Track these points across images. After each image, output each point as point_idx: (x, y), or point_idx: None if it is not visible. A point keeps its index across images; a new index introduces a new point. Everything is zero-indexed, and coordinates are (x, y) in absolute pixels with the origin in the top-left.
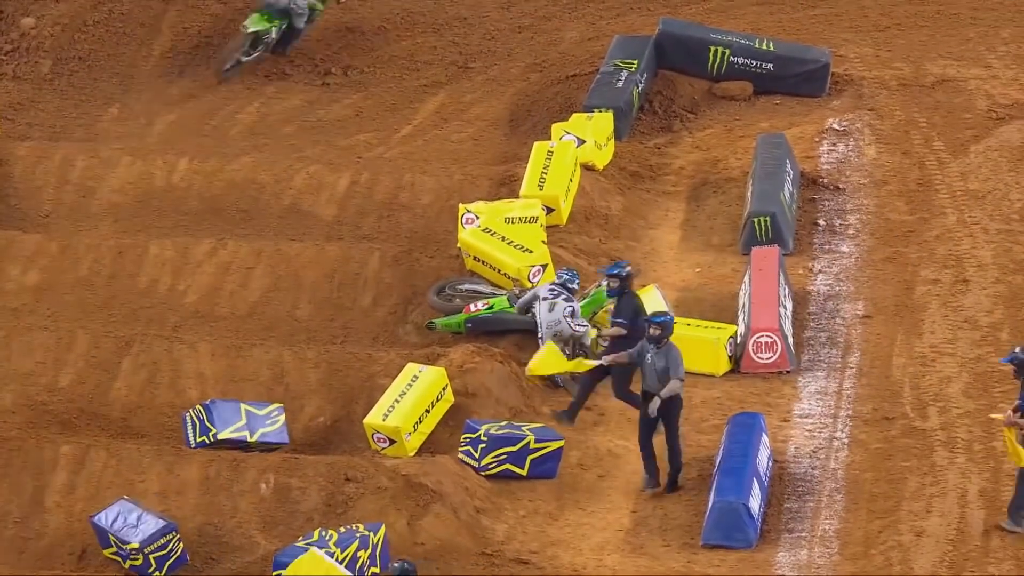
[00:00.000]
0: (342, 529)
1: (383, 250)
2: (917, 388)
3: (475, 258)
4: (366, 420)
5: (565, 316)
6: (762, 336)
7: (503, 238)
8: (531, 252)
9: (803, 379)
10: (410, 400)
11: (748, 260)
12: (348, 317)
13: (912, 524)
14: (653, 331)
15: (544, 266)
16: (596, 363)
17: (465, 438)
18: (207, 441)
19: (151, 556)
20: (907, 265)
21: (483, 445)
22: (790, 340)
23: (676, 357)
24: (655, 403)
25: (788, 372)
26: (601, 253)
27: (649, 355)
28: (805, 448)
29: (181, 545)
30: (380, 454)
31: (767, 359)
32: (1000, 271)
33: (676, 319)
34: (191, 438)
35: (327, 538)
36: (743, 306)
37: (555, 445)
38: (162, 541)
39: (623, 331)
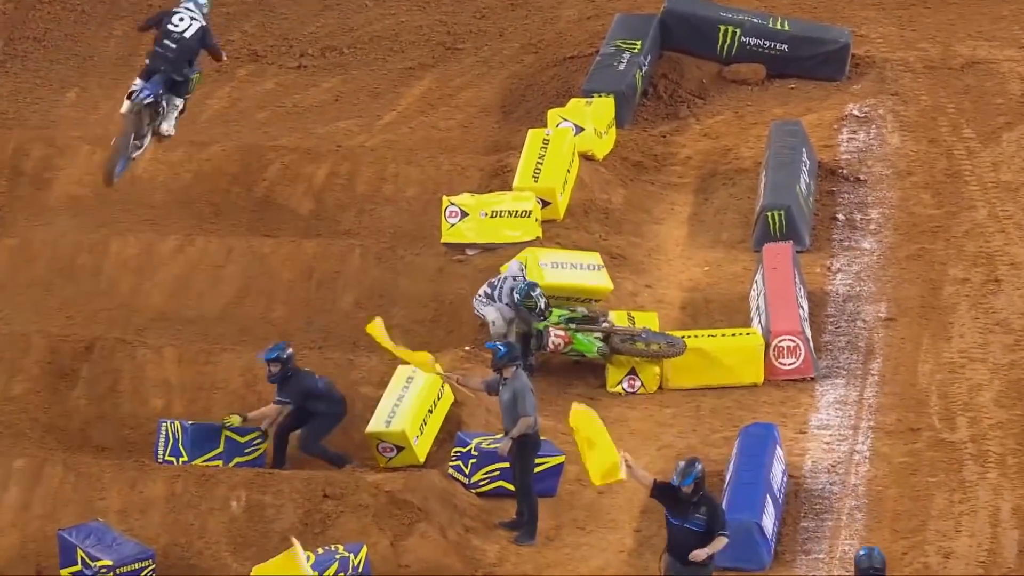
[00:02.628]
0: (320, 550)
1: (365, 247)
2: (945, 397)
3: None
4: (368, 430)
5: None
6: (784, 340)
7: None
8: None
9: (821, 387)
10: (409, 403)
11: (759, 258)
12: (327, 319)
13: (940, 545)
14: (494, 361)
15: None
16: (441, 373)
17: (456, 452)
18: (174, 462)
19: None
20: (934, 263)
21: (473, 460)
22: (812, 344)
23: (522, 390)
24: (505, 443)
25: (812, 379)
26: (601, 250)
27: (500, 387)
28: (823, 462)
29: None
30: (378, 466)
31: (790, 365)
32: None
33: (697, 333)
34: (160, 452)
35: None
36: (758, 308)
37: (554, 461)
38: (136, 566)
39: (285, 406)
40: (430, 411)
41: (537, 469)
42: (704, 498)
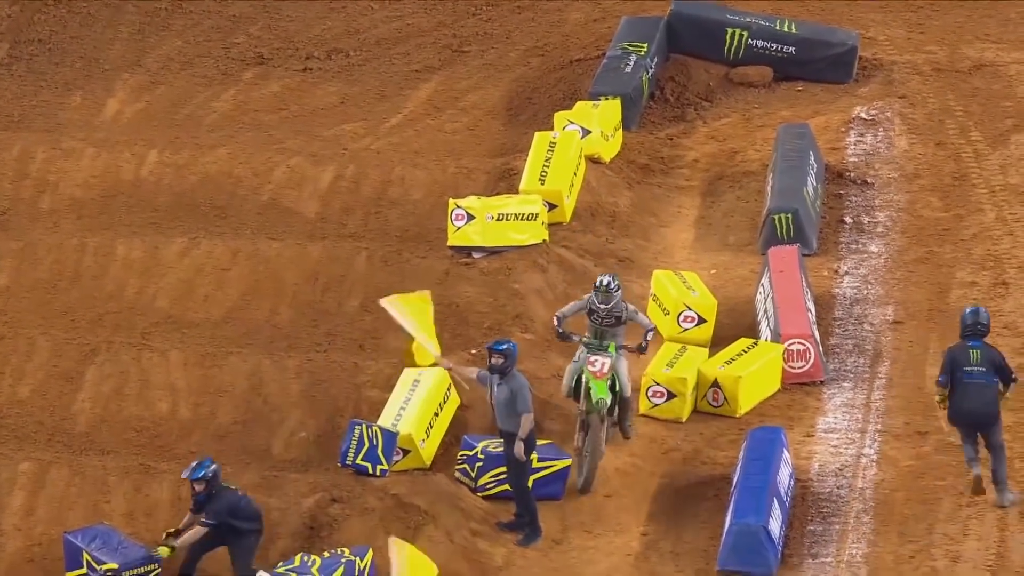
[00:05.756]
0: (326, 554)
1: (371, 250)
2: None
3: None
4: None
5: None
6: (794, 343)
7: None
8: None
9: (828, 390)
10: (416, 405)
11: (765, 261)
12: (332, 323)
13: (947, 548)
14: (495, 360)
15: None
16: (440, 360)
17: (462, 455)
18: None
19: None
20: (941, 266)
21: (480, 464)
22: (821, 347)
23: (520, 388)
24: (519, 446)
25: (821, 382)
26: (608, 253)
27: (495, 387)
28: (830, 465)
29: None
30: (390, 471)
31: (799, 368)
32: None
33: (731, 356)
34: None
35: (309, 564)
36: (765, 311)
37: (560, 465)
38: (143, 570)
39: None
40: (436, 414)
41: (543, 473)
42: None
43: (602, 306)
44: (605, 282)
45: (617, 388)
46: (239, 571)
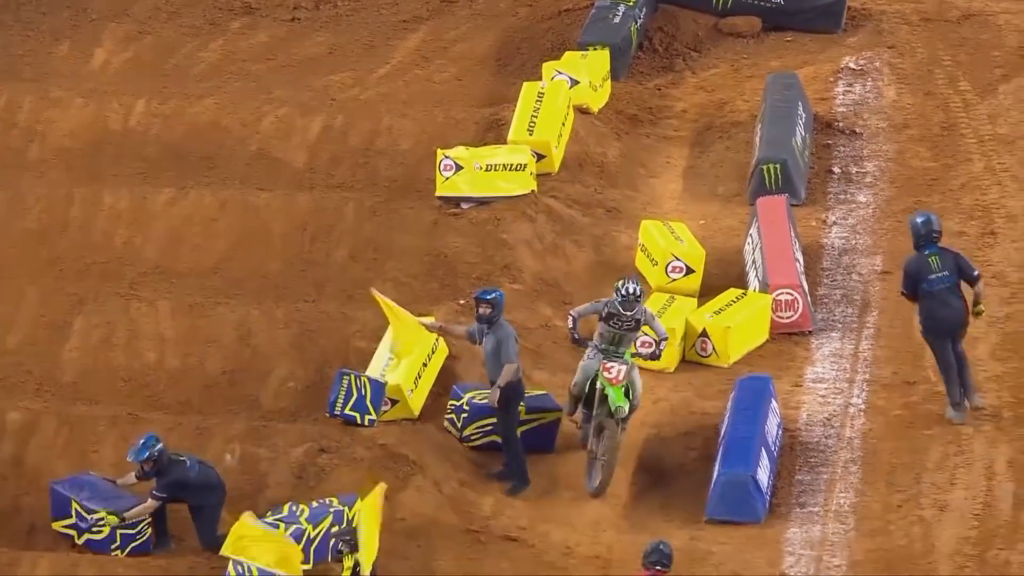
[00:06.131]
0: (314, 503)
1: (359, 200)
2: None
3: None
4: None
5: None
6: (782, 293)
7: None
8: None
9: (816, 340)
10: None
11: (753, 211)
12: (321, 273)
13: (935, 497)
14: (483, 309)
15: None
16: (428, 321)
17: (451, 404)
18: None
19: (118, 531)
20: None
21: (465, 414)
22: (809, 297)
23: (506, 338)
24: (495, 393)
25: (809, 332)
26: (596, 203)
27: (483, 337)
28: (818, 415)
29: (150, 530)
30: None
31: (788, 318)
32: None
33: (719, 306)
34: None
35: (298, 512)
36: (754, 262)
37: (550, 416)
38: (135, 526)
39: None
40: (424, 364)
41: (534, 424)
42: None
43: (626, 313)
44: (632, 290)
45: (631, 396)
46: (202, 540)
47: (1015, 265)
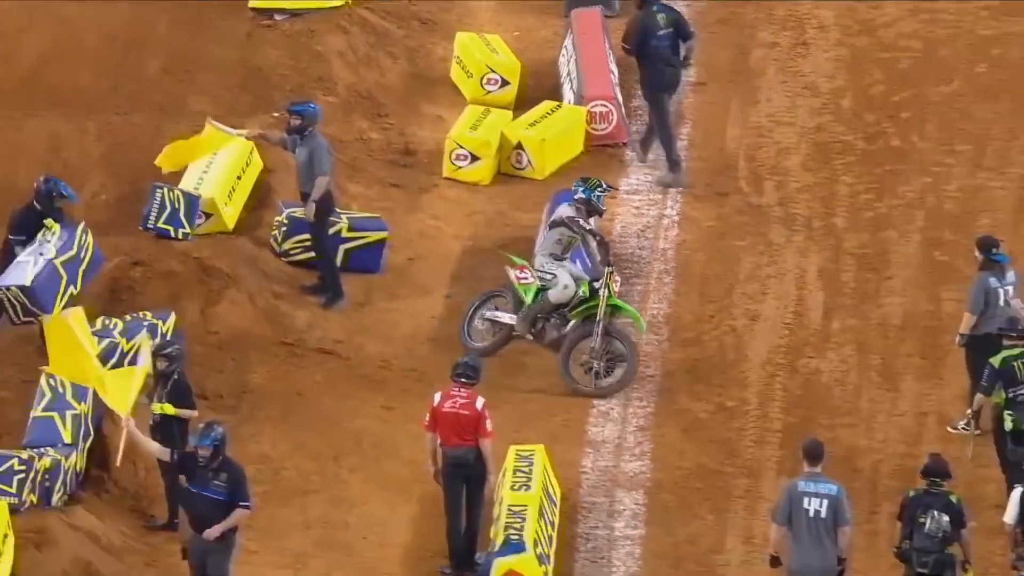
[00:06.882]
0: (128, 317)
1: (172, 12)
2: (752, 161)
3: None
4: None
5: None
6: (597, 105)
7: None
8: None
9: (631, 152)
10: (218, 170)
11: (568, 23)
12: (134, 86)
13: (746, 308)
14: (293, 121)
15: None
16: (244, 132)
17: (277, 220)
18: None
19: None
20: (743, 27)
21: (284, 228)
22: (624, 109)
23: (318, 148)
24: (310, 207)
25: (624, 144)
26: (411, 15)
27: (296, 148)
28: (633, 227)
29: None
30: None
31: (602, 130)
32: (842, 32)
33: (534, 118)
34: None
35: (112, 327)
36: (569, 74)
37: (375, 237)
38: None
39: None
40: (239, 178)
41: (356, 244)
42: (225, 464)
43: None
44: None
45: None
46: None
47: (826, 75)
